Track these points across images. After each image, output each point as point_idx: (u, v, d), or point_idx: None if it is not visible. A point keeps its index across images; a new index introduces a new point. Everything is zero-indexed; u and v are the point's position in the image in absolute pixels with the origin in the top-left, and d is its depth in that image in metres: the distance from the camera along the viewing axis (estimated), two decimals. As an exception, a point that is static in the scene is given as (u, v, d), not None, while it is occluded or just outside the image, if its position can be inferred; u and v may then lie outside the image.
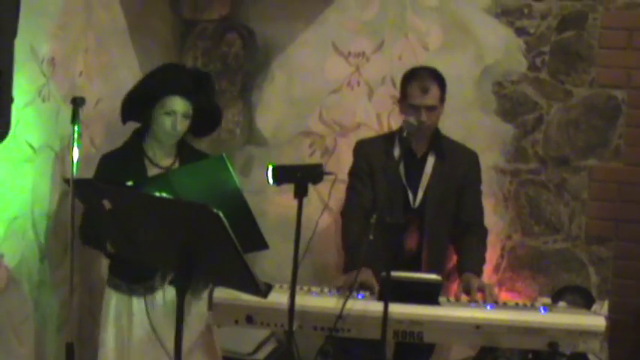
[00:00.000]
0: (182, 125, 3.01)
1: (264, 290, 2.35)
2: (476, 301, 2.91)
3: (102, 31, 3.54)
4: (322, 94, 4.10)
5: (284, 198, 4.02)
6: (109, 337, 3.12)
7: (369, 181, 3.34)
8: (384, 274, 2.80)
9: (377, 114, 4.05)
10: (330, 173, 2.60)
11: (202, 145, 3.89)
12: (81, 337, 3.53)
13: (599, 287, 3.83)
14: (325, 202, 3.98)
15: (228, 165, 2.63)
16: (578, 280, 3.84)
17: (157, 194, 2.62)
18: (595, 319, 2.80)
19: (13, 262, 3.02)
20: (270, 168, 2.47)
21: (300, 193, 2.46)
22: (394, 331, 2.76)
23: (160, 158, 3.07)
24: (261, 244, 2.75)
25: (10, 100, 1.60)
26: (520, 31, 3.88)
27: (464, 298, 2.98)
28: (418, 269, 3.24)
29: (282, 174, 2.47)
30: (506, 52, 3.89)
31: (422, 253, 3.32)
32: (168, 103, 2.98)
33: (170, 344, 2.94)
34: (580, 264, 3.87)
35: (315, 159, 4.09)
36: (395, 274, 2.76)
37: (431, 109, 3.18)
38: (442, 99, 3.25)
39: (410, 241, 3.34)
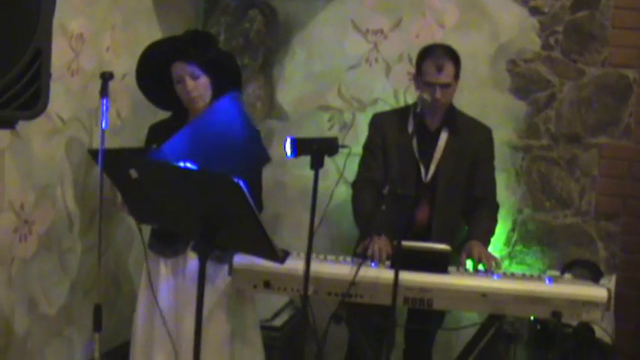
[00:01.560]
0: (193, 86, 3.01)
1: (281, 256, 2.49)
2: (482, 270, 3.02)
3: (128, 8, 3.65)
4: (341, 70, 4.20)
5: (303, 170, 4.15)
6: (141, 299, 3.24)
7: (381, 154, 3.43)
8: (395, 242, 2.94)
9: (394, 90, 4.15)
10: (344, 146, 2.71)
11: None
12: (106, 301, 3.69)
13: (607, 262, 3.92)
14: (341, 174, 4.22)
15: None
16: (586, 254, 3.93)
17: (181, 164, 2.74)
18: (597, 290, 2.91)
19: (43, 229, 3.16)
20: (289, 140, 2.59)
21: (317, 165, 2.57)
22: (404, 298, 2.90)
23: None
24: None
25: (49, 78, 1.73)
26: (534, 11, 3.94)
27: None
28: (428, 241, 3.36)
29: (300, 146, 2.58)
30: (520, 31, 3.96)
31: (432, 226, 3.43)
32: (173, 72, 3.04)
33: (192, 307, 3.11)
34: (589, 239, 3.96)
35: (334, 133, 4.19)
36: (406, 243, 2.89)
37: (445, 86, 3.26)
38: (456, 76, 3.32)
39: (421, 214, 3.44)
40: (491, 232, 3.35)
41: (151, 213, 2.78)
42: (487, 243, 3.25)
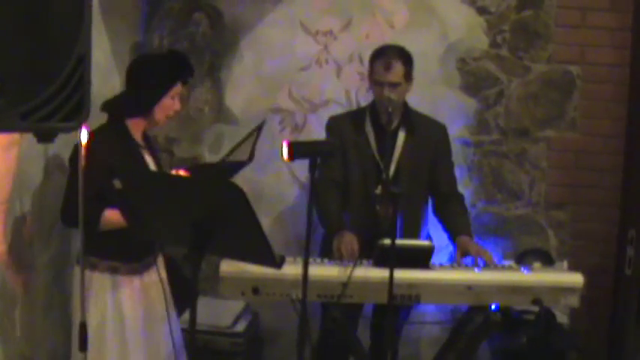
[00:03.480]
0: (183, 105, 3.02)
1: (279, 261, 2.46)
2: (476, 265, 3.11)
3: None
4: (291, 72, 4.18)
5: (252, 173, 4.10)
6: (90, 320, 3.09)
7: (340, 155, 3.45)
8: (382, 241, 2.96)
9: (345, 91, 4.17)
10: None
11: (173, 123, 3.93)
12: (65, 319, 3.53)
13: (557, 249, 4.10)
14: (296, 177, 4.21)
15: None
16: (538, 243, 4.10)
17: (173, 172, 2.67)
18: (573, 277, 3.05)
19: (4, 247, 2.97)
20: (285, 144, 2.56)
21: (314, 168, 2.56)
22: (394, 295, 2.92)
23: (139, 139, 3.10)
24: None
25: (90, 86, 1.63)
26: (481, 10, 4.06)
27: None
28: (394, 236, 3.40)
29: (297, 150, 2.56)
30: (468, 30, 4.07)
31: (397, 223, 3.47)
32: (174, 88, 3.00)
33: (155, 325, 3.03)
34: (540, 228, 4.13)
35: (286, 135, 4.17)
36: (387, 241, 2.90)
37: (393, 85, 3.29)
38: (407, 76, 3.36)
39: (384, 211, 3.48)
40: (470, 224, 3.44)
41: (134, 223, 2.69)
42: (472, 236, 3.34)
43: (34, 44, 1.55)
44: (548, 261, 3.93)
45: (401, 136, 3.44)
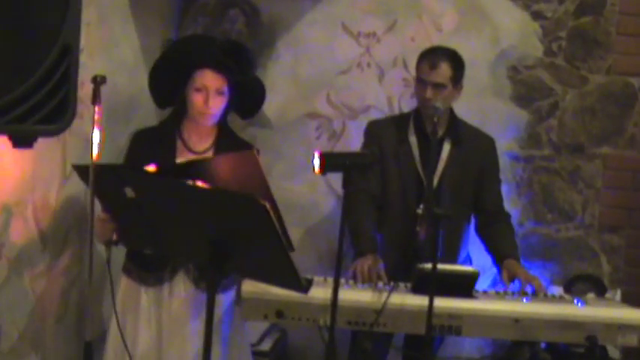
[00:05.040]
0: (215, 102, 2.75)
1: (305, 286, 2.24)
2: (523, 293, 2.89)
3: (103, 5, 3.33)
4: (330, 75, 3.97)
5: (287, 182, 3.91)
6: (113, 329, 2.94)
7: (378, 165, 3.22)
8: (422, 265, 2.73)
9: (388, 97, 3.95)
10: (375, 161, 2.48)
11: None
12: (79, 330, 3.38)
13: (610, 276, 3.85)
14: (332, 187, 3.99)
15: (258, 161, 2.48)
16: (589, 268, 3.85)
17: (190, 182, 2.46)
18: (633, 313, 2.78)
19: (14, 253, 2.82)
20: (317, 155, 2.33)
21: (349, 182, 2.33)
22: (432, 325, 2.68)
23: (196, 142, 2.86)
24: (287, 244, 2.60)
25: (77, 83, 1.40)
26: (536, 15, 3.83)
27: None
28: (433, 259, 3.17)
29: (329, 162, 2.33)
30: (521, 36, 3.84)
31: (437, 242, 3.25)
32: (198, 77, 2.74)
33: (174, 343, 2.83)
34: (592, 252, 3.88)
35: (322, 143, 3.97)
36: (428, 265, 2.69)
37: (438, 86, 3.09)
38: (454, 80, 3.15)
39: (424, 230, 3.25)
40: (517, 247, 3.21)
41: (146, 237, 2.52)
42: (519, 259, 3.10)
43: (9, 31, 1.32)
44: (600, 289, 3.67)
45: (446, 147, 3.22)
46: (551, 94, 3.85)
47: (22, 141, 1.40)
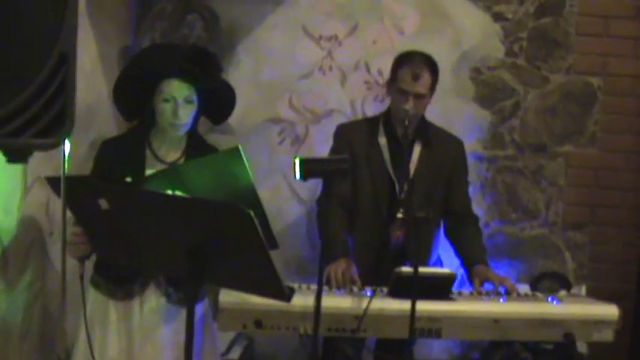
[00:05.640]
0: (185, 112, 2.67)
1: (288, 294, 2.19)
2: (497, 294, 2.87)
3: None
4: (292, 79, 3.92)
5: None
6: (81, 344, 2.84)
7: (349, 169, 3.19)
8: (400, 269, 2.70)
9: (350, 100, 3.92)
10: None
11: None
12: (43, 346, 3.25)
13: (575, 272, 3.89)
14: (295, 192, 3.94)
15: (244, 158, 2.40)
16: (554, 265, 3.88)
17: (169, 192, 2.38)
18: (608, 309, 2.79)
19: None
20: (298, 162, 2.27)
21: (329, 187, 2.29)
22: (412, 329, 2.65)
23: (165, 152, 2.77)
24: (271, 243, 2.54)
25: (74, 93, 1.32)
26: (497, 17, 3.85)
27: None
28: (404, 261, 3.14)
29: (311, 168, 2.27)
30: (483, 38, 3.86)
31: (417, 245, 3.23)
32: (165, 88, 2.65)
33: (146, 356, 2.74)
34: (556, 250, 3.91)
35: (286, 147, 3.93)
36: (406, 269, 2.67)
37: (420, 96, 3.06)
38: (432, 88, 3.13)
39: (396, 234, 3.23)
40: (486, 250, 3.18)
41: (121, 249, 2.42)
42: (488, 263, 3.08)
43: (3, 41, 1.24)
44: (565, 285, 3.71)
45: (416, 149, 3.18)
46: (513, 94, 3.88)
47: (16, 156, 1.31)
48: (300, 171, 2.27)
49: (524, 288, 3.42)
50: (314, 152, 3.80)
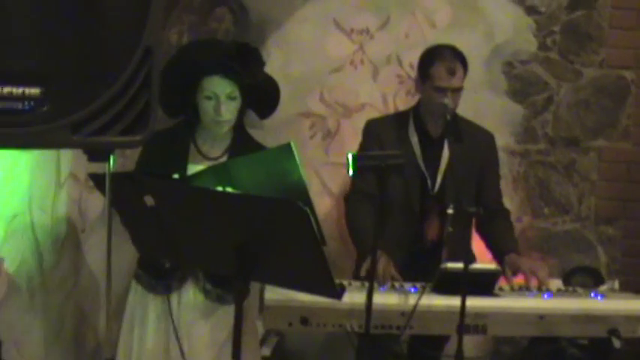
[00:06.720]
0: (228, 109, 2.67)
1: (339, 291, 2.18)
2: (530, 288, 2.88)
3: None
4: (323, 73, 3.89)
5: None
6: (122, 344, 2.85)
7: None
8: (446, 265, 2.69)
9: (382, 94, 3.89)
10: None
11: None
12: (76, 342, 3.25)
13: (607, 267, 3.88)
14: (327, 186, 3.93)
15: (295, 154, 2.39)
16: (587, 260, 3.86)
17: (220, 189, 2.36)
18: (654, 304, 2.80)
19: (13, 267, 2.72)
20: (350, 157, 2.26)
21: (383, 183, 2.27)
22: (457, 326, 2.64)
23: (209, 148, 2.76)
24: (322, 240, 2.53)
25: (158, 89, 1.30)
26: (530, 10, 3.82)
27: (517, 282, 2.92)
28: (439, 258, 3.13)
29: (363, 163, 2.26)
30: (515, 31, 3.83)
31: (443, 241, 3.21)
32: (207, 85, 2.65)
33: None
34: (589, 244, 3.91)
35: (317, 141, 3.90)
36: (451, 265, 2.67)
37: (457, 90, 3.07)
38: (464, 79, 3.14)
39: (430, 229, 3.23)
40: (517, 242, 3.22)
41: (163, 245, 2.40)
42: (519, 254, 3.10)
43: (87, 37, 1.21)
44: (597, 280, 3.68)
45: (447, 145, 3.17)
46: (546, 88, 3.86)
47: (99, 155, 1.28)
48: (353, 166, 2.27)
49: (556, 283, 3.42)
50: (345, 147, 3.77)
